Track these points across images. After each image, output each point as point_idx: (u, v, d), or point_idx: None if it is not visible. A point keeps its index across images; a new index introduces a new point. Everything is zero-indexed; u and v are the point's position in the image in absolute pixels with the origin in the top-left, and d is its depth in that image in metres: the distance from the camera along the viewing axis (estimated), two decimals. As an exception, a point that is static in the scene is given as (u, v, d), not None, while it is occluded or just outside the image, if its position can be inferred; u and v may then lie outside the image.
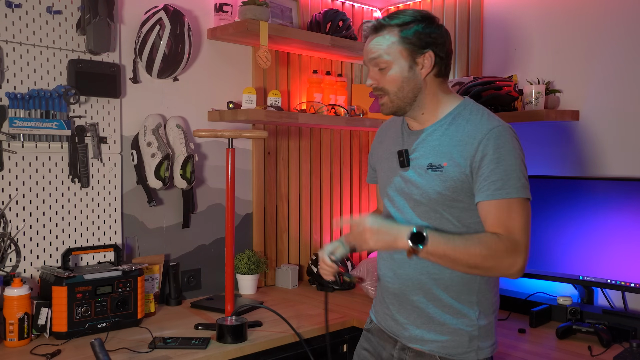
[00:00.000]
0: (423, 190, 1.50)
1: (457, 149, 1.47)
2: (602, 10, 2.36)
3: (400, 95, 1.52)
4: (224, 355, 1.88)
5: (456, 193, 1.47)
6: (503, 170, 1.41)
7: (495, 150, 1.42)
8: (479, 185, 1.43)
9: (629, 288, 2.12)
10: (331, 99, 2.87)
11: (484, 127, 1.45)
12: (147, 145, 2.30)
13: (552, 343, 2.02)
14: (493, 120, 1.48)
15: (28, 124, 2.04)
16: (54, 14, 2.13)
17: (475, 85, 2.49)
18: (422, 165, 1.52)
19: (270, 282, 2.83)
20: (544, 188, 2.34)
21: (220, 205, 2.61)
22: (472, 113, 1.51)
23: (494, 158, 1.41)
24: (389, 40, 1.50)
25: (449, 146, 1.48)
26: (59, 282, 1.94)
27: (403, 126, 1.64)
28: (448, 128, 1.51)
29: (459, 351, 1.51)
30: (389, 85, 1.52)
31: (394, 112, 1.56)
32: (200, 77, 2.56)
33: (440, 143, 1.50)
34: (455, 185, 1.46)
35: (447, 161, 1.47)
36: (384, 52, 1.51)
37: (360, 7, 3.20)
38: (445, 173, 1.47)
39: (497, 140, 1.43)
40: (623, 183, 2.15)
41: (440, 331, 1.53)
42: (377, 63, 1.52)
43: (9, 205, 2.05)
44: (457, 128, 1.50)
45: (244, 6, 2.42)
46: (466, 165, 1.45)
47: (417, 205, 1.53)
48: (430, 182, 1.49)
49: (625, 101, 2.30)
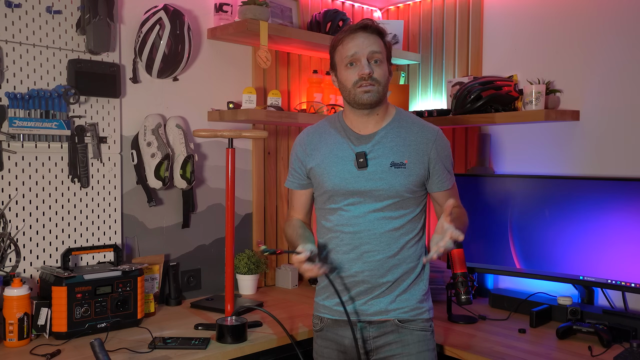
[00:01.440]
0: (389, 185, 1.72)
1: (412, 148, 1.75)
2: (602, 10, 2.36)
3: (384, 89, 1.75)
4: (223, 355, 1.88)
5: (415, 186, 1.75)
6: (450, 164, 1.82)
7: (444, 149, 1.79)
8: (437, 178, 1.78)
9: (629, 288, 2.12)
10: (331, 99, 2.87)
11: (431, 130, 1.79)
12: (147, 145, 2.30)
13: (552, 343, 2.02)
14: (431, 125, 1.81)
15: (28, 124, 2.04)
16: (54, 14, 2.13)
17: (475, 85, 2.48)
18: (384, 163, 1.73)
19: (270, 282, 2.83)
20: (544, 188, 2.34)
21: (220, 205, 2.61)
22: (411, 117, 1.82)
23: (445, 155, 1.79)
24: (380, 43, 1.74)
25: (404, 146, 1.75)
26: (58, 282, 1.94)
27: (345, 131, 1.80)
28: (399, 131, 1.77)
29: (416, 312, 1.77)
30: (381, 78, 1.73)
31: (377, 101, 1.73)
32: (200, 77, 2.56)
33: (396, 144, 1.75)
34: (416, 180, 1.74)
35: (407, 159, 1.74)
36: (380, 49, 1.73)
37: (360, 7, 3.20)
38: (408, 169, 1.73)
39: (444, 141, 1.80)
40: (623, 183, 2.15)
41: (401, 299, 1.76)
42: (376, 56, 1.71)
43: (9, 205, 2.05)
44: (406, 131, 1.77)
45: (244, 6, 2.42)
46: (424, 161, 1.75)
47: (380, 199, 1.74)
48: (395, 178, 1.72)
49: (625, 101, 2.30)
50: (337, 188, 1.77)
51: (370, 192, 1.73)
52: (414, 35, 3.09)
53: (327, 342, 1.83)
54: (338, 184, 1.76)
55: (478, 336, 2.09)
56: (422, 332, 1.77)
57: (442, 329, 2.16)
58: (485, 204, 2.49)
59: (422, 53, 3.06)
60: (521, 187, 2.40)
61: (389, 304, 1.76)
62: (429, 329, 1.79)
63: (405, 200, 1.75)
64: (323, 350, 1.84)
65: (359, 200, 1.75)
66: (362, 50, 1.70)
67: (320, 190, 1.83)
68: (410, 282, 1.78)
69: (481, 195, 2.50)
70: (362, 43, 1.70)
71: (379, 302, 1.76)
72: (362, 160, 1.73)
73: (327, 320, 1.82)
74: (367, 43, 1.70)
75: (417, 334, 1.76)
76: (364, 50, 1.70)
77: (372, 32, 1.72)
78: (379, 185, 1.72)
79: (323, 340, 1.84)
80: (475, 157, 2.75)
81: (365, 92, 1.70)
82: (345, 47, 1.72)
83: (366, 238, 1.75)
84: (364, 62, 1.70)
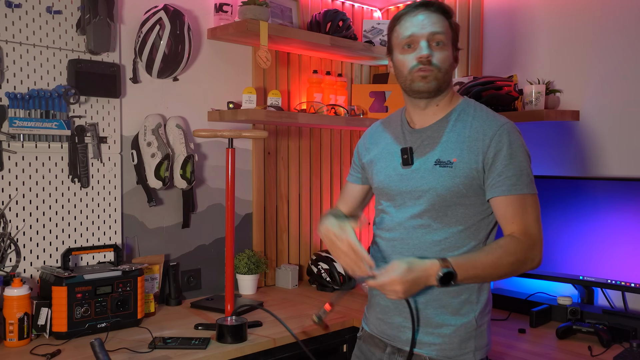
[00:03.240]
0: (430, 186, 1.48)
1: (466, 145, 1.47)
2: (602, 10, 2.36)
3: (446, 77, 1.51)
4: (223, 355, 1.88)
5: (465, 189, 1.46)
6: (516, 166, 1.45)
7: (509, 147, 1.45)
8: (492, 180, 1.45)
9: (629, 288, 2.12)
10: (331, 99, 2.87)
11: (493, 124, 1.48)
12: (147, 145, 2.30)
13: (552, 343, 2.02)
14: (500, 118, 1.51)
15: (28, 124, 2.04)
16: (54, 14, 2.13)
17: (475, 85, 2.48)
18: (429, 161, 1.50)
19: (270, 282, 2.83)
20: (544, 188, 2.33)
21: (220, 205, 2.61)
22: (477, 110, 1.53)
23: (508, 154, 1.44)
24: (445, 23, 1.51)
25: (457, 142, 1.49)
26: (59, 282, 1.94)
27: (403, 125, 1.62)
28: (456, 124, 1.52)
29: (456, 353, 1.49)
30: (442, 63, 1.49)
31: (435, 89, 1.50)
32: (200, 77, 2.56)
33: (448, 139, 1.50)
34: (464, 182, 1.46)
35: (456, 157, 1.47)
36: (444, 30, 1.50)
37: (360, 7, 3.19)
38: (455, 169, 1.47)
39: (509, 137, 1.46)
40: (623, 183, 2.15)
41: (438, 333, 1.50)
42: (437, 38, 1.49)
43: (9, 205, 2.05)
44: (463, 125, 1.51)
45: (244, 6, 2.42)
46: (478, 160, 1.46)
47: (419, 202, 1.51)
48: (438, 178, 1.48)
49: (625, 101, 2.30)
50: (381, 186, 1.60)
51: (410, 193, 1.52)
52: (414, 35, 3.08)
53: (361, 353, 1.70)
54: (382, 181, 1.59)
55: (478, 336, 2.09)
56: None
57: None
58: (485, 204, 2.49)
59: (422, 53, 3.06)
60: (521, 187, 2.40)
61: (422, 335, 1.51)
62: None
63: (452, 208, 1.48)
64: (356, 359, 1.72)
65: (400, 202, 1.55)
66: (422, 30, 1.47)
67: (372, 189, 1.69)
68: (452, 312, 1.49)
69: (481, 195, 2.50)
70: (422, 22, 1.48)
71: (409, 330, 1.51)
72: (406, 156, 1.53)
73: (366, 333, 1.68)
74: (428, 22, 1.48)
75: None
76: (424, 31, 1.47)
77: (435, 10, 1.50)
78: (418, 186, 1.50)
79: (358, 350, 1.71)
80: (475, 157, 2.74)
81: (422, 79, 1.48)
82: (402, 26, 1.50)
83: (399, 248, 1.53)
84: (423, 44, 1.47)
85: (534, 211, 1.46)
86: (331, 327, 2.18)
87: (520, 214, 1.44)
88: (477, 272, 1.41)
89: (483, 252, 1.45)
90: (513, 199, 1.44)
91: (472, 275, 1.41)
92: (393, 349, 1.57)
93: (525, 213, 1.44)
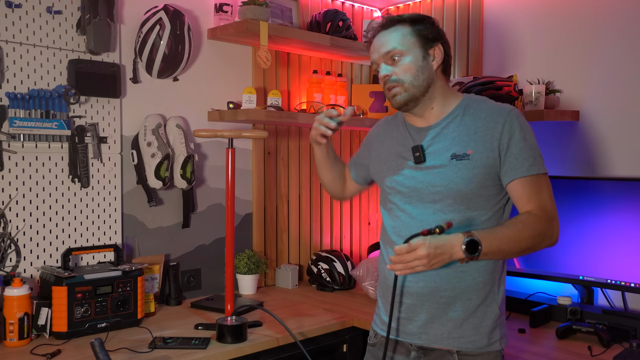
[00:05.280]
0: (450, 180, 1.51)
1: (479, 135, 1.51)
2: (602, 11, 2.36)
3: (415, 84, 1.55)
4: (224, 355, 1.88)
5: (484, 179, 1.50)
6: (530, 148, 1.50)
7: (520, 131, 1.50)
8: (510, 164, 1.49)
9: (629, 288, 2.12)
10: (331, 99, 2.87)
11: (502, 111, 1.53)
12: (147, 145, 2.30)
13: (552, 343, 2.02)
14: (505, 105, 1.56)
15: (28, 124, 2.04)
16: (54, 14, 2.13)
17: (475, 85, 2.48)
18: (444, 157, 1.53)
19: (270, 282, 2.83)
20: (544, 188, 2.34)
21: (220, 205, 2.61)
22: (480, 102, 1.58)
23: (521, 137, 1.49)
24: (401, 32, 1.55)
25: (469, 135, 1.52)
26: (59, 282, 1.94)
27: (406, 126, 1.65)
28: (462, 119, 1.55)
29: (484, 343, 1.53)
30: (403, 75, 1.54)
31: (407, 102, 1.56)
32: (200, 77, 2.56)
33: (459, 134, 1.54)
34: (483, 172, 1.50)
35: (471, 149, 1.51)
36: (397, 44, 1.55)
37: (360, 7, 3.20)
38: (473, 160, 1.50)
39: (519, 121, 1.51)
40: (623, 183, 2.15)
41: (467, 326, 1.53)
42: (391, 54, 1.55)
43: (9, 205, 2.05)
44: (471, 118, 1.54)
45: (244, 6, 2.42)
46: (493, 148, 1.50)
47: (439, 198, 1.53)
48: (457, 172, 1.51)
49: (625, 101, 2.30)
50: (392, 185, 1.62)
51: (427, 189, 1.54)
52: (414, 35, 3.08)
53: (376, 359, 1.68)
54: (394, 180, 1.62)
55: (478, 336, 2.09)
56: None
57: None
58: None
59: (422, 53, 3.06)
60: (521, 187, 2.40)
61: (451, 330, 1.53)
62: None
63: (472, 200, 1.51)
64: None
65: (416, 199, 1.56)
66: (378, 54, 1.58)
67: (381, 188, 1.70)
68: (479, 303, 1.53)
69: (481, 195, 2.50)
70: (377, 46, 1.58)
71: (437, 325, 1.54)
72: (418, 154, 1.56)
73: (382, 338, 1.66)
74: (381, 44, 1.57)
75: None
76: (379, 54, 1.58)
77: (388, 25, 1.57)
78: (436, 181, 1.52)
79: (373, 357, 1.70)
80: (475, 157, 2.74)
81: (393, 96, 1.57)
82: (370, 55, 1.63)
83: None
84: (382, 66, 1.58)
85: (549, 189, 1.52)
86: (331, 327, 2.18)
87: (536, 192, 1.49)
88: (501, 245, 1.44)
89: (504, 226, 1.50)
90: (530, 179, 1.49)
91: (496, 247, 1.44)
92: (417, 353, 1.58)
93: (541, 191, 1.50)
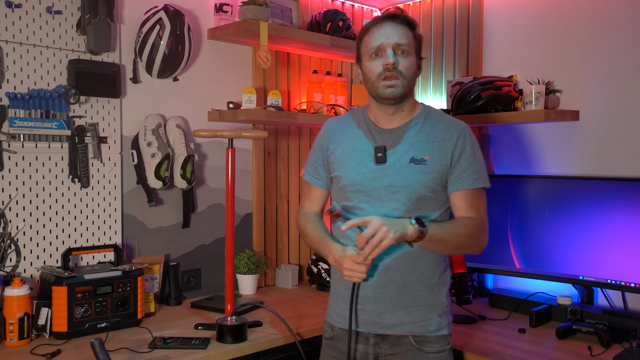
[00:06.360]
0: (408, 182, 1.62)
1: (436, 144, 1.65)
2: (602, 11, 2.36)
3: (410, 83, 1.65)
4: (224, 355, 1.88)
5: (436, 184, 1.63)
6: (478, 163, 1.67)
7: (471, 147, 1.66)
8: (458, 175, 1.64)
9: (629, 288, 2.12)
10: (331, 99, 2.87)
11: (457, 126, 1.68)
12: (147, 145, 2.30)
13: (552, 343, 2.02)
14: (460, 121, 1.71)
15: (28, 124, 2.04)
16: (54, 14, 2.13)
17: (475, 85, 2.49)
18: (404, 159, 1.64)
19: (270, 282, 2.83)
20: (544, 188, 2.34)
21: (220, 205, 2.62)
22: (438, 114, 1.73)
23: (471, 153, 1.66)
24: (409, 34, 1.65)
25: (427, 142, 1.65)
26: (59, 282, 1.94)
27: (368, 126, 1.72)
28: (423, 127, 1.68)
29: (434, 328, 1.66)
30: (407, 71, 1.63)
31: (402, 96, 1.64)
32: (200, 77, 2.56)
33: (418, 139, 1.66)
34: (436, 177, 1.63)
35: (429, 155, 1.64)
36: (408, 41, 1.63)
37: (360, 7, 3.20)
38: (429, 166, 1.63)
39: (470, 138, 1.67)
40: (623, 183, 2.15)
41: (418, 313, 1.65)
42: (402, 47, 1.62)
43: (9, 205, 2.05)
44: (430, 127, 1.68)
45: (244, 6, 2.42)
46: (446, 158, 1.64)
47: (397, 197, 1.63)
48: (414, 175, 1.62)
49: (625, 101, 2.30)
50: (352, 183, 1.67)
51: (386, 189, 1.63)
52: (414, 35, 3.08)
53: (337, 352, 1.74)
54: (353, 179, 1.67)
55: (478, 336, 2.09)
56: (438, 354, 1.65)
57: (442, 329, 2.16)
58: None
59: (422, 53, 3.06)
60: (521, 187, 2.40)
61: (403, 317, 1.65)
62: (446, 347, 1.67)
63: (425, 200, 1.63)
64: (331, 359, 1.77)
65: (374, 197, 1.64)
66: (388, 40, 1.61)
67: (336, 186, 1.74)
68: (427, 294, 1.66)
69: (481, 195, 2.50)
70: (389, 33, 1.61)
71: (391, 315, 1.65)
72: (380, 155, 1.64)
73: (339, 330, 1.74)
74: (394, 33, 1.61)
75: (432, 357, 1.64)
76: (390, 41, 1.61)
77: (400, 22, 1.63)
78: (395, 182, 1.62)
79: (332, 350, 1.76)
80: (475, 157, 2.74)
81: (389, 87, 1.61)
82: (371, 37, 1.64)
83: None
84: (389, 52, 1.60)
85: (485, 202, 1.70)
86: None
87: (476, 204, 1.66)
88: (444, 234, 1.58)
89: (446, 221, 1.67)
90: (473, 192, 1.65)
91: (440, 235, 1.57)
92: (376, 339, 1.68)
93: (480, 204, 1.67)
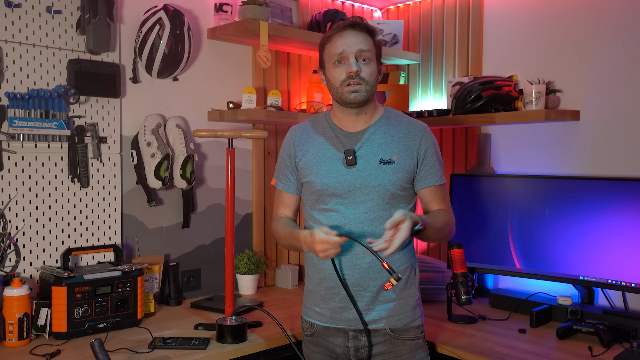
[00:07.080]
0: (379, 183, 1.70)
1: (402, 144, 1.74)
2: (602, 11, 2.36)
3: (373, 89, 1.73)
4: (223, 355, 1.88)
5: (405, 182, 1.73)
6: (439, 161, 1.78)
7: (433, 145, 1.77)
8: (425, 172, 1.75)
9: (629, 288, 2.12)
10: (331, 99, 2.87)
11: (419, 126, 1.78)
12: (147, 145, 2.30)
13: (552, 343, 2.02)
14: (420, 121, 1.81)
15: (28, 123, 2.03)
16: (54, 14, 2.13)
17: (476, 85, 2.48)
18: (373, 160, 1.71)
19: (270, 282, 2.83)
20: (544, 188, 2.34)
21: (220, 205, 2.61)
22: (399, 115, 1.81)
23: (434, 152, 1.77)
24: (370, 41, 1.72)
25: (393, 142, 1.73)
26: (58, 282, 1.94)
27: (333, 130, 1.77)
28: (388, 128, 1.76)
29: (410, 320, 1.75)
30: (369, 77, 1.70)
31: (365, 101, 1.71)
32: (200, 77, 2.56)
33: (385, 141, 1.73)
34: (405, 176, 1.72)
35: (396, 155, 1.72)
36: (369, 48, 1.71)
37: (360, 7, 3.20)
38: (397, 165, 1.71)
39: (432, 137, 1.78)
40: (623, 183, 2.15)
41: (395, 308, 1.73)
42: (364, 54, 1.69)
43: (9, 205, 2.05)
44: (395, 128, 1.76)
45: (244, 6, 2.42)
46: (413, 157, 1.74)
47: (369, 197, 1.70)
48: (385, 175, 1.70)
49: (625, 101, 2.30)
50: (325, 187, 1.73)
51: (359, 190, 1.70)
52: (414, 35, 3.09)
53: (319, 347, 1.80)
54: (327, 183, 1.73)
55: (478, 336, 2.09)
56: (414, 341, 1.75)
57: (442, 329, 2.16)
58: (485, 204, 2.49)
59: (422, 53, 3.06)
60: (521, 187, 2.40)
61: (382, 312, 1.73)
62: (420, 335, 1.78)
63: (395, 199, 1.71)
64: (315, 355, 1.81)
65: (348, 200, 1.71)
66: (350, 48, 1.67)
67: (309, 191, 1.79)
68: (402, 287, 1.75)
69: (481, 195, 2.50)
70: (351, 41, 1.68)
71: (371, 311, 1.73)
72: (350, 157, 1.71)
73: (318, 327, 1.80)
74: (356, 41, 1.68)
75: (409, 344, 1.74)
76: (352, 48, 1.67)
77: (361, 30, 1.70)
78: (368, 182, 1.69)
79: (314, 346, 1.81)
80: (475, 157, 2.75)
81: (353, 92, 1.68)
82: (333, 44, 1.70)
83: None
84: (352, 60, 1.67)
85: (448, 195, 1.84)
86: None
87: (443, 197, 1.79)
88: (436, 225, 1.69)
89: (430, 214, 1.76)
90: (440, 187, 1.78)
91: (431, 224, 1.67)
92: (355, 333, 1.74)
93: (446, 197, 1.81)
